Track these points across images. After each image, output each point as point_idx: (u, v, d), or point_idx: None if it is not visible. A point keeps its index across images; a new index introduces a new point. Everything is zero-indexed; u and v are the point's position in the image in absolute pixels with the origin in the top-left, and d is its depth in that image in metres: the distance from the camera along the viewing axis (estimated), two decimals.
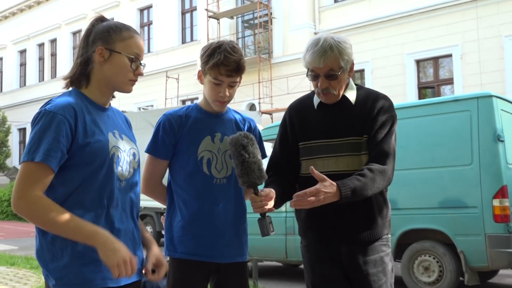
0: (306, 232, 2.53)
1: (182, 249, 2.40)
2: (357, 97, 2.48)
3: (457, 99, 6.48)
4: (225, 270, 2.44)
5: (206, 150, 2.42)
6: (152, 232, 13.41)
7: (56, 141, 1.86)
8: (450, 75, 16.14)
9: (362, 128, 2.41)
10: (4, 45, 33.83)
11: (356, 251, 2.40)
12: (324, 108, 2.48)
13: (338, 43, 2.35)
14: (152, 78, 22.12)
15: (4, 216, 24.84)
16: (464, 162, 6.17)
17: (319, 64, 2.34)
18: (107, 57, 2.00)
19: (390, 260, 2.47)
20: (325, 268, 2.44)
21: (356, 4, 18.11)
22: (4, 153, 30.84)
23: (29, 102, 31.00)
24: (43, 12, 30.95)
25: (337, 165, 2.39)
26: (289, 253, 7.37)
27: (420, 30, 16.33)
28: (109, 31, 2.02)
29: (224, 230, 2.42)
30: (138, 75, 2.05)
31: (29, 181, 1.83)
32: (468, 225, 6.09)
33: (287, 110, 2.62)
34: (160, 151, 2.45)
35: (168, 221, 2.48)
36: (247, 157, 2.20)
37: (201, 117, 2.48)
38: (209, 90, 2.41)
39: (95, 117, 1.99)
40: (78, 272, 1.87)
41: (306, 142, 2.48)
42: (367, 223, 2.41)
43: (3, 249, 12.27)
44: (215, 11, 21.04)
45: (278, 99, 18.59)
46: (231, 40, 2.51)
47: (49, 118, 1.88)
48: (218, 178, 2.42)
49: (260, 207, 2.22)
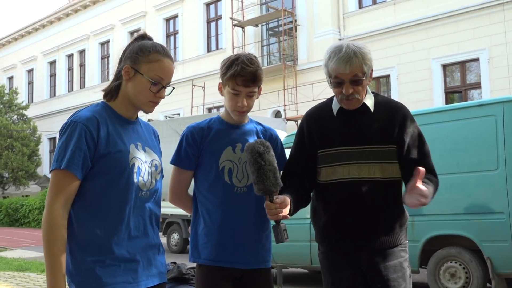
0: (325, 239, 2.53)
1: (205, 256, 2.49)
2: (376, 104, 2.50)
3: (482, 104, 6.41)
4: (249, 276, 2.50)
5: (228, 160, 2.50)
6: (179, 239, 13.52)
7: (79, 150, 1.95)
8: (478, 79, 15.95)
9: (386, 137, 2.43)
10: (35, 56, 34.61)
11: (376, 257, 2.41)
12: (343, 115, 2.49)
13: (360, 49, 2.39)
14: (179, 87, 22.33)
15: (35, 224, 25.32)
16: (490, 167, 6.10)
17: (344, 70, 2.36)
18: (131, 76, 2.09)
19: (408, 265, 2.48)
20: (345, 274, 2.44)
21: (381, 10, 18.04)
22: (35, 162, 31.52)
23: (59, 112, 31.62)
24: (72, 23, 31.60)
25: (358, 172, 2.41)
26: (314, 259, 7.34)
27: (447, 35, 16.19)
28: (138, 52, 2.09)
29: (246, 237, 2.49)
30: (160, 97, 2.11)
31: (55, 190, 1.93)
32: (494, 231, 6.01)
33: (304, 117, 2.63)
34: (183, 162, 2.56)
35: (193, 229, 2.57)
36: (263, 164, 2.25)
37: (222, 128, 2.57)
38: (228, 101, 2.50)
39: (118, 129, 2.07)
40: (97, 276, 1.95)
41: (326, 149, 2.49)
42: (386, 230, 2.42)
43: (34, 256, 12.53)
44: (240, 19, 21.20)
45: (303, 105, 18.59)
46: (249, 52, 2.59)
47: (73, 128, 1.98)
48: (239, 187, 2.49)
49: (274, 214, 2.26)
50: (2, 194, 32.73)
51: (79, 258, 1.96)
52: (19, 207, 26.91)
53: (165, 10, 25.94)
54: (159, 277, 2.14)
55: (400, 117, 2.47)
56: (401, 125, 2.45)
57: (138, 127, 2.19)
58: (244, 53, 2.52)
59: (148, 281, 2.07)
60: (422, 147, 2.48)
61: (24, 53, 35.46)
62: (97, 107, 2.10)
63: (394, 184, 2.45)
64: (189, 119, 14.66)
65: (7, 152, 30.36)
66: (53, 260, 1.89)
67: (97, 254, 1.96)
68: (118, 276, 1.98)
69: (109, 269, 1.97)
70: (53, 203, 1.92)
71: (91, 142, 1.98)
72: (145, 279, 2.06)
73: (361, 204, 2.39)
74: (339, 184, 2.42)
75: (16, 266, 10.02)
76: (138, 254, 2.05)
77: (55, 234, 1.90)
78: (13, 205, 27.36)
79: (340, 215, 2.42)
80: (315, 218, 2.58)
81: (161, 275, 2.16)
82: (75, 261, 1.96)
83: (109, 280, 1.96)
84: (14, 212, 27.15)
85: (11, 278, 8.48)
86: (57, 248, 1.90)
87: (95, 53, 30.24)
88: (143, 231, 2.09)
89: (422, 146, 2.48)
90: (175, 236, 13.65)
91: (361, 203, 2.39)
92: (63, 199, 1.93)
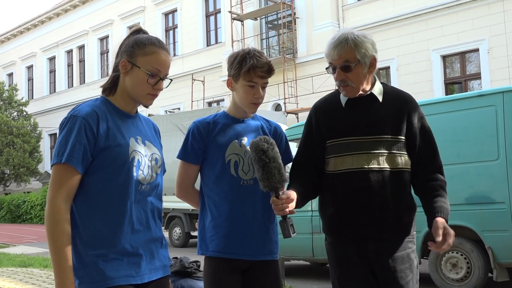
0: (332, 229, 2.52)
1: (213, 248, 2.52)
2: (384, 95, 2.50)
3: (482, 94, 6.41)
4: (256, 268, 2.53)
5: (234, 153, 2.54)
6: (181, 233, 13.55)
7: (79, 144, 1.96)
8: (478, 70, 15.93)
9: (395, 127, 2.44)
10: (34, 53, 34.58)
11: (384, 248, 2.41)
12: (352, 105, 2.49)
13: (356, 37, 2.39)
14: (178, 81, 22.30)
15: (38, 220, 25.39)
16: (490, 157, 6.11)
17: (333, 55, 2.39)
18: (128, 70, 2.10)
19: (415, 256, 2.48)
20: (352, 264, 2.44)
21: (380, 1, 18.00)
22: (36, 158, 31.55)
23: (59, 108, 31.62)
24: (71, 19, 31.55)
25: (367, 162, 2.40)
26: (315, 251, 7.39)
27: (446, 26, 16.16)
28: (133, 46, 2.10)
29: (253, 228, 2.52)
30: (158, 90, 2.12)
31: (57, 184, 1.95)
32: (495, 221, 6.02)
33: (312, 109, 2.64)
34: (189, 156, 2.59)
35: (201, 222, 2.60)
36: (267, 162, 2.27)
37: (228, 123, 2.61)
38: (243, 94, 2.53)
39: (118, 123, 2.08)
40: (100, 270, 1.96)
41: (334, 139, 2.48)
42: (395, 221, 2.41)
43: (37, 252, 12.58)
44: (238, 13, 21.13)
45: (303, 98, 18.58)
46: (254, 47, 2.66)
47: (73, 122, 1.99)
48: (245, 180, 2.53)
49: (281, 209, 2.28)
50: (3, 190, 32.78)
51: (82, 252, 1.97)
52: (21, 203, 26.98)
53: (163, 4, 25.89)
54: (163, 270, 2.15)
55: (409, 109, 2.47)
56: (410, 117, 2.46)
57: (138, 121, 2.20)
58: (251, 48, 2.59)
59: (151, 274, 2.08)
60: (431, 143, 2.49)
61: (24, 49, 35.41)
62: (96, 101, 2.11)
63: (403, 174, 2.44)
64: (189, 113, 14.65)
65: (8, 149, 30.39)
66: (59, 253, 1.90)
67: (100, 248, 1.97)
68: (121, 270, 1.99)
69: (112, 263, 1.98)
70: (55, 197, 1.93)
71: (91, 136, 1.99)
72: (148, 273, 2.07)
73: (369, 194, 2.39)
74: (348, 174, 2.42)
75: (19, 262, 10.07)
76: (141, 248, 2.06)
77: (59, 228, 1.91)
78: (15, 201, 27.44)
79: (348, 205, 2.42)
80: (322, 209, 2.57)
81: (165, 268, 2.17)
82: (78, 255, 1.97)
83: (112, 274, 1.97)
84: (16, 208, 27.22)
85: (14, 274, 8.51)
86: (61, 242, 1.91)
87: (94, 49, 30.21)
88: (146, 225, 2.10)
89: (431, 142, 2.49)
90: (177, 231, 13.68)
91: (370, 193, 2.39)
92: (65, 193, 1.94)
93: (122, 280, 1.98)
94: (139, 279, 2.03)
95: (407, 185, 2.47)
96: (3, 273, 8.68)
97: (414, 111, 2.49)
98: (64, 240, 1.91)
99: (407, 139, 2.46)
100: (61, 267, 1.90)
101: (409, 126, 2.46)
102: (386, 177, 2.40)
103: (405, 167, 2.45)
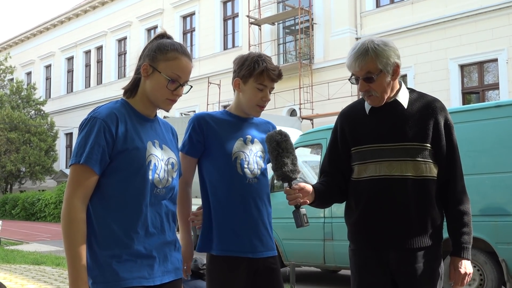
0: (356, 236, 2.50)
1: (218, 246, 2.54)
2: (410, 101, 2.46)
3: (500, 105, 6.34)
4: (261, 265, 2.55)
5: (240, 151, 2.58)
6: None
7: (98, 145, 1.99)
8: (496, 80, 15.80)
9: (420, 135, 2.39)
10: (52, 52, 34.94)
11: (406, 257, 2.36)
12: (376, 112, 2.47)
13: (376, 46, 2.36)
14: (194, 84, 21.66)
15: (51, 218, 25.58)
16: (506, 169, 6.04)
17: (355, 67, 2.38)
18: (149, 73, 2.12)
19: (439, 266, 2.42)
20: (371, 272, 2.41)
21: (398, 9, 17.95)
22: (52, 157, 31.84)
23: (76, 107, 31.90)
24: (90, 20, 31.84)
25: (389, 170, 2.37)
26: (327, 258, 7.35)
27: (464, 35, 16.06)
28: (156, 50, 2.12)
29: (257, 226, 2.56)
30: (177, 95, 2.14)
31: (74, 184, 1.98)
32: (510, 233, 5.95)
33: (338, 116, 2.64)
34: (187, 147, 2.61)
35: (205, 220, 2.61)
36: (280, 152, 2.33)
37: (231, 120, 2.65)
38: (251, 96, 2.58)
39: (136, 126, 2.11)
40: (114, 271, 1.98)
41: (358, 147, 2.47)
42: (418, 229, 2.37)
43: (49, 250, 12.68)
44: (256, 17, 21.20)
45: (319, 104, 18.55)
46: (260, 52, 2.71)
47: (93, 123, 2.02)
48: (250, 178, 2.56)
49: (293, 199, 2.30)
50: (19, 188, 33.11)
51: (96, 252, 2.00)
52: (36, 201, 27.21)
53: (182, 7, 26.05)
54: (175, 273, 2.17)
55: (436, 115, 2.42)
56: (437, 124, 2.41)
57: (156, 125, 2.22)
58: (259, 52, 2.65)
59: (164, 277, 2.10)
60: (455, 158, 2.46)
61: (42, 49, 35.80)
62: (116, 104, 2.13)
63: (427, 182, 2.38)
64: None
65: (24, 147, 30.70)
66: (73, 251, 1.93)
67: (114, 249, 1.99)
68: (134, 272, 2.01)
69: (125, 264, 2.00)
70: (72, 196, 1.96)
71: (109, 138, 2.01)
72: (161, 275, 2.09)
73: (391, 201, 2.35)
74: (370, 181, 2.40)
75: (32, 259, 10.15)
76: (154, 251, 2.08)
77: (75, 227, 1.94)
78: (29, 199, 27.68)
79: (370, 212, 2.40)
80: (347, 215, 2.56)
81: (177, 271, 2.18)
82: (93, 255, 2.00)
83: (125, 275, 1.99)
84: (31, 206, 27.45)
85: (26, 271, 8.59)
86: (76, 241, 1.93)
87: (112, 50, 30.45)
88: (160, 228, 2.12)
89: (455, 156, 2.46)
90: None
91: (392, 200, 2.35)
92: (82, 193, 1.97)
93: (135, 282, 2.00)
94: (152, 281, 2.05)
95: (432, 193, 2.39)
96: (15, 270, 8.76)
97: (441, 118, 2.42)
98: (79, 239, 1.94)
99: (434, 148, 2.41)
100: (75, 266, 1.92)
101: (435, 135, 2.40)
102: (409, 185, 2.35)
103: (430, 175, 2.39)
